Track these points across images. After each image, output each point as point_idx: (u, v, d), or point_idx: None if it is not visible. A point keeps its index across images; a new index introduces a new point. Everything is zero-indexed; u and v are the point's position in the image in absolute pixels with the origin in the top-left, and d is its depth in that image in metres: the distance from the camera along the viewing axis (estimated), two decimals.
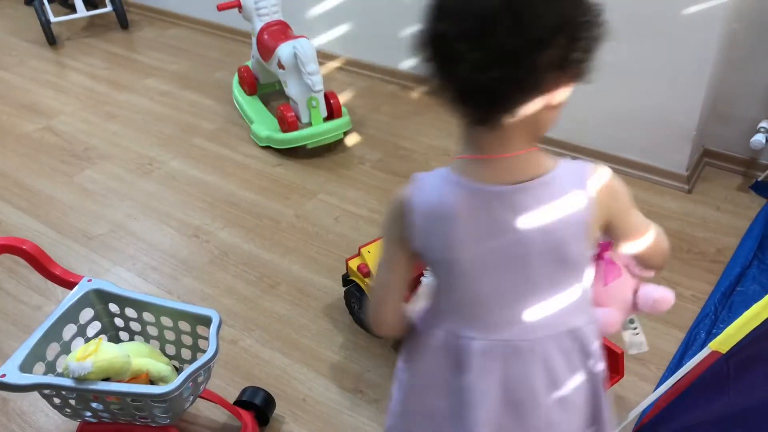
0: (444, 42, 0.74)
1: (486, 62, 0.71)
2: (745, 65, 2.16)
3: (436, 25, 0.76)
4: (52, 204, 2.34)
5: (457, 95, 0.77)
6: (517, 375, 0.88)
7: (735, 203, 2.19)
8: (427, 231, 0.84)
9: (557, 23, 0.72)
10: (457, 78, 0.75)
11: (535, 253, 0.84)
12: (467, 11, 0.72)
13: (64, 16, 3.59)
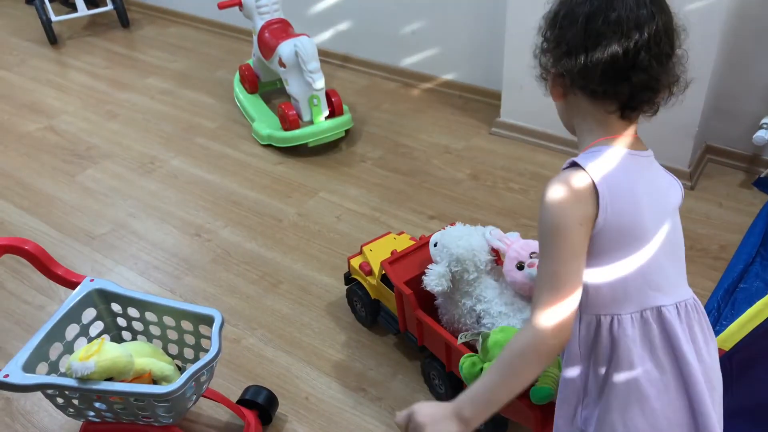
0: (626, 54, 0.89)
1: (657, 69, 0.91)
2: (747, 61, 2.16)
3: (614, 41, 0.89)
4: (54, 203, 2.34)
5: (629, 96, 0.93)
6: (696, 335, 0.94)
7: (738, 200, 2.19)
8: (616, 201, 0.89)
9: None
10: (635, 82, 0.91)
11: (672, 208, 0.97)
12: (640, 26, 0.90)
13: (65, 15, 3.59)
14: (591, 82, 0.90)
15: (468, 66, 2.82)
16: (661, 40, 0.91)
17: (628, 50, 0.87)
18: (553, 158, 2.45)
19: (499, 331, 1.27)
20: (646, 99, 0.94)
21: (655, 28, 0.90)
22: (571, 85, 0.93)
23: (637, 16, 0.88)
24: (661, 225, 0.94)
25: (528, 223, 2.14)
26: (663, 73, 0.92)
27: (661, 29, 0.91)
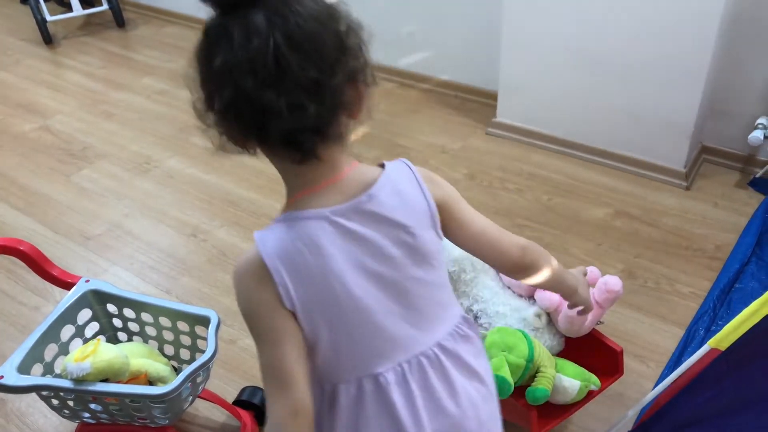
0: (249, 98, 0.72)
1: (297, 102, 0.72)
2: (742, 61, 2.16)
3: (230, 85, 0.73)
4: (49, 204, 2.33)
5: (280, 144, 0.76)
6: (430, 387, 0.85)
7: (733, 199, 2.19)
8: (297, 278, 0.80)
9: (338, 47, 0.75)
10: (276, 128, 0.73)
11: (399, 251, 0.83)
12: (255, 62, 0.71)
13: (60, 15, 3.58)
14: (231, 130, 0.78)
15: (464, 66, 2.81)
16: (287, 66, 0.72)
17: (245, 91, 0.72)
18: (548, 158, 2.45)
19: (496, 332, 1.27)
20: (305, 139, 0.76)
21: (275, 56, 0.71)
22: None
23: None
24: (378, 284, 0.82)
25: (524, 223, 2.14)
26: (311, 101, 0.73)
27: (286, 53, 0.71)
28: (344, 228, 0.81)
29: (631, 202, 2.20)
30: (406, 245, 0.84)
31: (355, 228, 0.81)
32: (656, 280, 1.89)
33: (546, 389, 1.24)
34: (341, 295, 0.81)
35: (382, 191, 0.83)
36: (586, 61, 2.26)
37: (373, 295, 0.82)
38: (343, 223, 0.81)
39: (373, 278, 0.82)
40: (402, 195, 0.85)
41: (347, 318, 0.82)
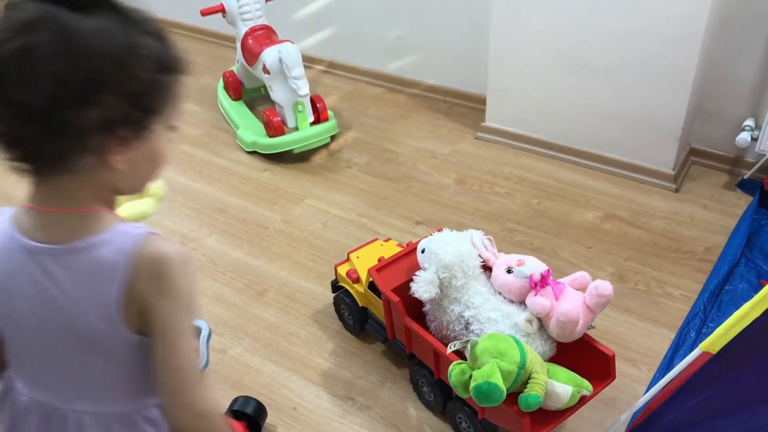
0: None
1: (9, 120, 0.68)
2: (729, 63, 2.17)
3: None
4: None
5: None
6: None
7: (722, 201, 2.20)
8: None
9: (82, 80, 0.67)
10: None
11: (55, 324, 0.77)
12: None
13: None
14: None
15: (453, 71, 2.82)
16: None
17: None
18: (538, 162, 2.45)
19: (488, 338, 1.26)
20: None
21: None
22: None
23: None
24: (26, 328, 0.80)
25: (514, 227, 2.14)
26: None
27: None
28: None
29: (621, 205, 2.21)
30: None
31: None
32: (647, 282, 1.90)
33: (538, 395, 1.23)
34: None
35: (74, 256, 0.75)
36: (575, 64, 2.27)
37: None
38: (38, 257, 0.76)
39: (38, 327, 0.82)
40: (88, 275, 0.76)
41: (26, 342, 0.83)
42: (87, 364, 0.79)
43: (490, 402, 1.21)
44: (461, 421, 1.46)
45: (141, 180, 0.81)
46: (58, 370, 0.81)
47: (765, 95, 2.15)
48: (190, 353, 0.77)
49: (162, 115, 0.76)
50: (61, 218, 0.76)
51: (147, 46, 0.72)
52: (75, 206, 0.75)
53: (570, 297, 1.36)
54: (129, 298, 0.75)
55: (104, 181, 0.76)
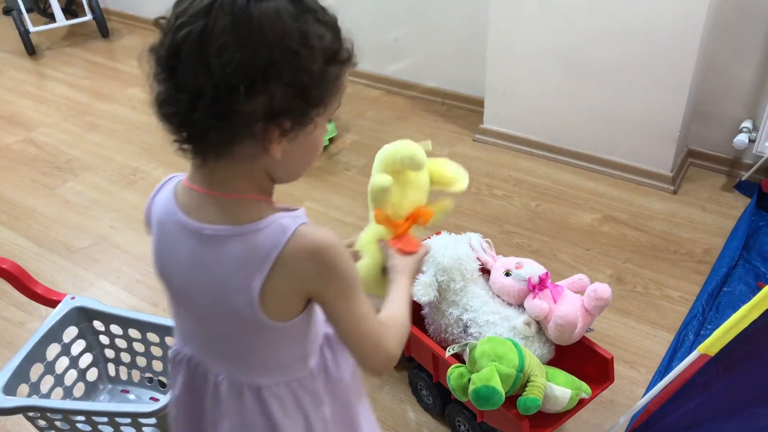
0: (151, 62, 0.73)
1: (170, 95, 0.70)
2: (727, 66, 2.18)
3: (156, 44, 0.72)
4: (33, 217, 2.31)
5: (161, 118, 0.74)
6: (195, 396, 0.88)
7: (720, 203, 2.20)
8: (151, 227, 0.86)
9: (254, 68, 0.67)
10: (155, 101, 0.73)
11: (203, 295, 0.80)
12: (169, 37, 0.69)
13: (43, 26, 3.55)
14: None
15: (451, 73, 2.82)
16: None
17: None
18: (536, 164, 2.45)
19: (487, 341, 1.26)
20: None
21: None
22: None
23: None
24: (179, 295, 0.85)
25: (512, 229, 2.14)
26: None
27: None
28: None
29: (619, 207, 2.21)
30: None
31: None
32: (645, 285, 1.90)
33: (537, 399, 1.23)
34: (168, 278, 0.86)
35: (226, 240, 0.76)
36: (572, 66, 2.27)
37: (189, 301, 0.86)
38: (194, 235, 0.78)
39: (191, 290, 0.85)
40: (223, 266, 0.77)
41: (177, 301, 0.87)
42: (228, 335, 0.82)
43: (488, 405, 1.21)
44: (460, 424, 1.46)
45: (297, 170, 0.80)
46: (203, 331, 0.84)
47: (762, 97, 2.15)
48: (369, 318, 0.80)
49: (326, 107, 0.75)
50: (217, 202, 0.76)
51: (320, 37, 0.71)
52: (232, 192, 0.76)
53: (568, 300, 1.36)
54: (277, 287, 0.75)
55: (262, 168, 0.76)
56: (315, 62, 0.70)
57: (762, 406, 1.22)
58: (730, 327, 1.17)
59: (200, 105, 0.68)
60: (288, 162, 0.76)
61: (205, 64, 0.66)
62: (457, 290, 1.45)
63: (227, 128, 0.69)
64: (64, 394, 1.42)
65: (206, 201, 0.77)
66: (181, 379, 0.89)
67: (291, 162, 0.77)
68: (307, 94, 0.71)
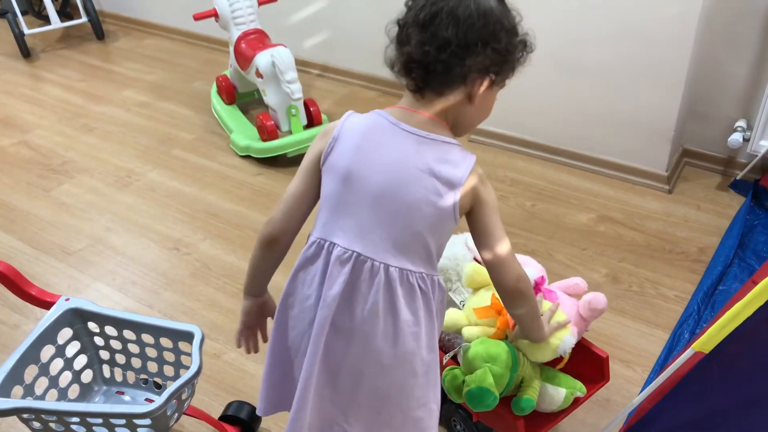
0: (404, 26, 1.01)
1: (425, 42, 0.96)
2: (720, 65, 2.18)
3: (404, 15, 1.02)
4: (28, 219, 2.30)
5: (403, 66, 1.00)
6: (360, 289, 1.01)
7: (715, 202, 2.21)
8: (342, 143, 1.02)
9: (482, 36, 0.96)
10: (404, 52, 0.99)
11: (398, 191, 0.99)
12: (425, 9, 0.97)
13: (38, 28, 3.55)
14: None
15: None
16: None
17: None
18: (531, 164, 2.46)
19: (480, 343, 1.26)
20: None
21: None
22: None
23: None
24: (377, 187, 1.00)
25: (509, 229, 2.12)
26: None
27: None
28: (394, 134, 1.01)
29: (614, 207, 2.21)
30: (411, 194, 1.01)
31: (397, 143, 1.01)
32: (640, 284, 1.90)
33: (532, 399, 1.23)
34: (361, 182, 1.01)
35: (433, 143, 1.01)
36: (567, 66, 2.28)
37: (380, 202, 1.00)
38: (413, 136, 1.00)
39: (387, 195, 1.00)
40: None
41: (350, 196, 1.01)
42: (413, 229, 1.00)
43: (483, 407, 1.21)
44: (456, 424, 1.46)
45: (473, 122, 1.05)
46: (385, 227, 1.00)
47: (756, 96, 2.16)
48: (504, 239, 1.04)
49: (510, 73, 1.02)
50: (428, 121, 1.01)
51: (516, 23, 1.03)
52: (438, 117, 1.01)
53: (563, 306, 1.35)
54: (467, 189, 0.99)
55: (457, 110, 1.01)
56: (515, 38, 1.01)
57: (757, 404, 1.22)
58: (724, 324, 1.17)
59: (445, 51, 0.95)
60: (473, 113, 1.02)
61: (456, 24, 0.95)
62: (454, 290, 1.45)
63: (456, 70, 0.97)
64: (59, 396, 1.42)
65: (418, 118, 1.00)
66: (346, 276, 1.00)
67: (474, 113, 1.03)
68: (506, 59, 1.00)
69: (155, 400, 1.21)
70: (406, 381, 1.04)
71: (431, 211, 0.99)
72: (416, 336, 1.02)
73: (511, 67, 1.02)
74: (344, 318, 1.02)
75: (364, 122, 1.03)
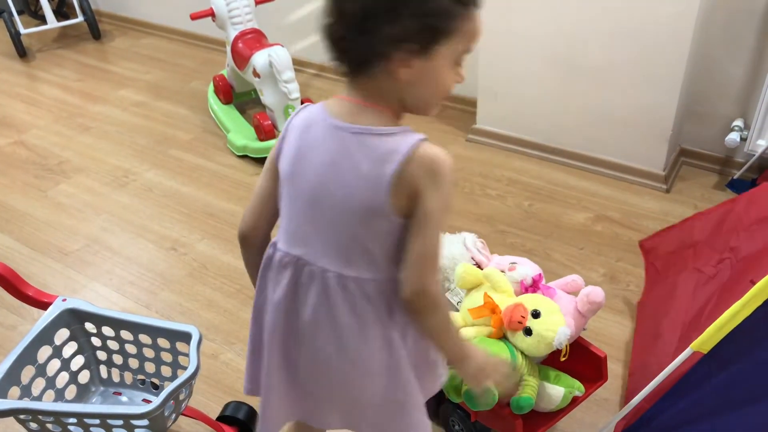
0: (323, 13, 0.89)
1: (331, 18, 0.88)
2: (717, 64, 2.19)
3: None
4: (25, 220, 2.30)
5: (326, 48, 0.91)
6: (300, 293, 0.98)
7: (712, 201, 2.21)
8: (287, 143, 0.97)
9: (384, 2, 0.84)
10: (324, 36, 0.90)
11: (336, 193, 0.92)
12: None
13: (34, 28, 3.54)
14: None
15: None
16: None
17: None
18: (529, 164, 2.45)
19: (479, 342, 1.26)
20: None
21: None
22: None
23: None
24: (312, 190, 0.95)
25: (506, 229, 2.14)
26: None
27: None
28: (340, 138, 0.92)
29: (612, 206, 2.22)
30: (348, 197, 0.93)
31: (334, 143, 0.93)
32: (638, 283, 1.90)
33: (530, 398, 1.23)
34: (299, 185, 0.96)
35: (369, 137, 0.91)
36: (564, 66, 2.28)
37: (315, 206, 0.95)
38: (341, 132, 0.92)
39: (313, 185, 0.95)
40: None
41: (291, 199, 0.97)
42: (349, 232, 0.94)
43: (481, 406, 1.21)
44: (454, 424, 1.46)
45: (422, 102, 0.93)
46: (322, 231, 0.95)
47: (753, 95, 2.16)
48: (436, 243, 0.91)
49: (447, 41, 0.87)
50: (361, 109, 0.91)
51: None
52: (372, 103, 0.91)
53: (561, 302, 1.36)
54: (401, 182, 0.88)
55: (395, 93, 0.90)
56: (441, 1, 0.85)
57: (754, 403, 1.22)
58: (722, 324, 1.18)
59: (348, 25, 0.86)
60: (413, 90, 0.90)
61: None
62: (451, 291, 1.45)
63: (367, 45, 0.85)
64: (56, 397, 1.41)
65: (354, 108, 0.92)
66: (287, 279, 0.98)
67: (415, 91, 0.90)
68: (430, 25, 0.85)
69: (153, 400, 1.21)
70: (362, 381, 1.00)
71: (363, 213, 0.91)
72: (365, 339, 0.97)
73: (437, 32, 0.86)
74: (293, 320, 1.00)
75: (303, 119, 0.97)
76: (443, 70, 0.90)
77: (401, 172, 0.87)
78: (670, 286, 1.72)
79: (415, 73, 0.87)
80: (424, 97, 0.93)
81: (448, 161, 0.90)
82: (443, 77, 0.91)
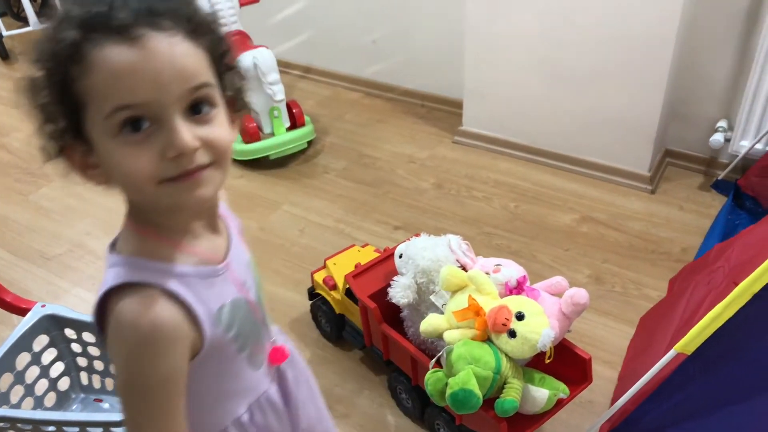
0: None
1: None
2: (701, 66, 2.19)
3: None
4: (6, 224, 2.27)
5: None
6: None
7: (697, 202, 2.22)
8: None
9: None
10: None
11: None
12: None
13: (16, 30, 3.50)
14: None
15: (430, 75, 2.81)
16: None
17: None
18: (515, 165, 2.45)
19: (462, 345, 1.25)
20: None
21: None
22: None
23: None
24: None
25: (492, 231, 2.13)
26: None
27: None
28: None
29: (597, 208, 2.22)
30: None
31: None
32: (623, 284, 1.90)
33: (515, 400, 1.23)
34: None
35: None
36: (550, 67, 2.28)
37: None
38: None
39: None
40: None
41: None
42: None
43: (466, 409, 1.20)
44: (439, 428, 1.45)
45: (131, 195, 0.71)
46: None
47: (737, 96, 2.17)
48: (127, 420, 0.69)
49: (61, 120, 0.65)
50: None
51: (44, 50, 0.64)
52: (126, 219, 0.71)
53: (546, 304, 1.35)
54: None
55: (109, 188, 0.70)
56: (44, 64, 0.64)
57: (738, 404, 1.22)
58: (705, 325, 1.18)
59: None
60: (115, 182, 0.67)
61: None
62: (436, 293, 1.44)
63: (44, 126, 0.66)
64: (35, 404, 1.39)
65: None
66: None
67: (115, 182, 0.67)
68: (59, 102, 0.64)
69: None
70: None
71: None
72: None
73: (59, 111, 0.64)
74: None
75: None
76: (121, 147, 0.64)
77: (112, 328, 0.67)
78: (670, 302, 1.70)
79: (103, 159, 0.67)
80: (124, 188, 0.70)
81: (130, 328, 0.66)
82: (127, 158, 0.64)
